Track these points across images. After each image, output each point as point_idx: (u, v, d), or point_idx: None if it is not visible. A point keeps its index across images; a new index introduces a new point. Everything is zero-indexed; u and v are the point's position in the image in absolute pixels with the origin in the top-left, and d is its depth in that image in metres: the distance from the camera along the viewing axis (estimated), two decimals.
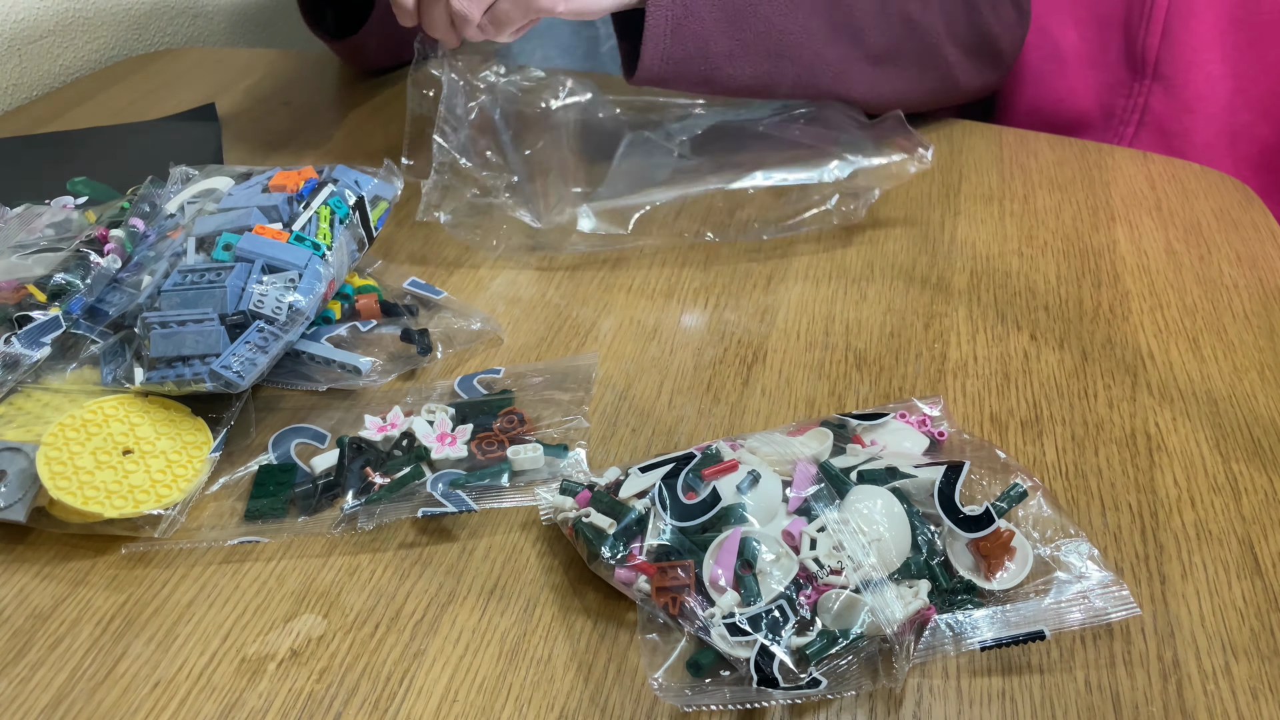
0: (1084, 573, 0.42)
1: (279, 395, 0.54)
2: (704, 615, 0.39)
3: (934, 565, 0.41)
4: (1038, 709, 0.39)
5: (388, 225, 0.67)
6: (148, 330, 0.49)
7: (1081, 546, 0.42)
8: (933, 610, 0.40)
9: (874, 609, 0.39)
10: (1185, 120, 0.86)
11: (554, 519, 0.45)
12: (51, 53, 0.89)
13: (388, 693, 0.40)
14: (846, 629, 0.39)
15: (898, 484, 0.44)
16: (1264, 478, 0.50)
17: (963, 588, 0.41)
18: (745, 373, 0.56)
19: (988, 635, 0.40)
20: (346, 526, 0.46)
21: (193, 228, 0.54)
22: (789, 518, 0.42)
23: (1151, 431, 0.53)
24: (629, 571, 0.41)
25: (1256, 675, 0.41)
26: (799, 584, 0.40)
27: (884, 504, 0.42)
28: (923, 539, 0.42)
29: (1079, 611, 0.41)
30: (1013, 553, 0.42)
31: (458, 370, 0.56)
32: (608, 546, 0.42)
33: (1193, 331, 0.60)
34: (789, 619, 0.39)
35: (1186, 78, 0.84)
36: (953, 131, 0.83)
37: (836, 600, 0.40)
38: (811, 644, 0.39)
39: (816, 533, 0.41)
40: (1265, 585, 0.45)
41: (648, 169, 0.69)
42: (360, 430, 0.51)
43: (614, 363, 0.57)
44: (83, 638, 0.42)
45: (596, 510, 0.43)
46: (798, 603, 0.40)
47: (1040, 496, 0.44)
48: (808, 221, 0.67)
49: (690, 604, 0.40)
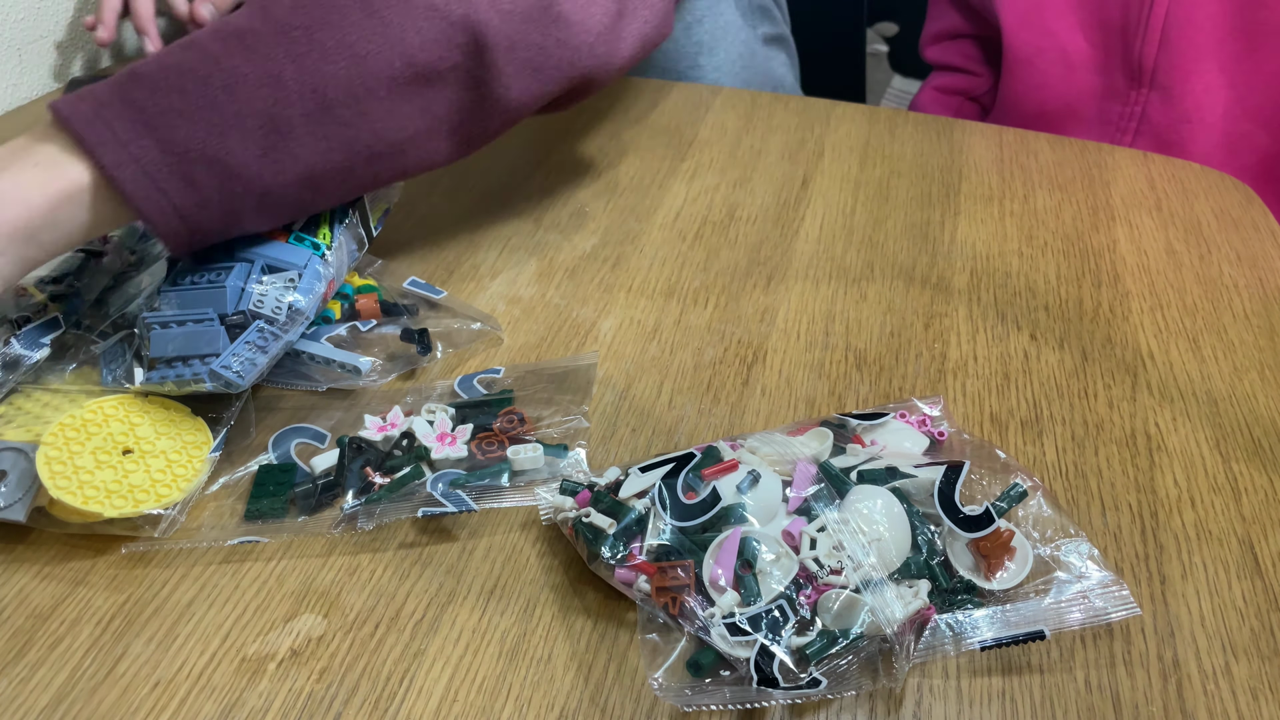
0: (1084, 572, 0.42)
1: (279, 395, 0.54)
2: (704, 615, 0.39)
3: (934, 565, 0.41)
4: (1038, 709, 0.39)
5: (388, 226, 0.67)
6: (147, 330, 0.49)
7: (1081, 546, 0.42)
8: (933, 610, 0.40)
9: (874, 609, 0.39)
10: (1183, 130, 0.86)
11: (554, 519, 0.45)
12: (51, 53, 0.89)
13: (388, 692, 0.40)
14: (846, 629, 0.39)
15: (898, 484, 0.44)
16: (1264, 478, 0.50)
17: (963, 588, 0.41)
18: (745, 373, 0.56)
19: (988, 635, 0.40)
20: (346, 526, 0.46)
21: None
22: (789, 518, 0.42)
23: (1151, 431, 0.53)
24: (629, 571, 0.41)
25: (1256, 675, 0.41)
26: (799, 584, 0.40)
27: (884, 504, 0.42)
28: (923, 539, 0.42)
29: (1079, 611, 0.41)
30: (1013, 553, 0.42)
31: (458, 370, 0.56)
32: (608, 546, 0.42)
33: (1193, 331, 0.60)
34: (789, 619, 0.39)
35: (1184, 87, 0.84)
36: (953, 131, 0.83)
37: (836, 600, 0.40)
38: (811, 644, 0.39)
39: (816, 532, 0.41)
40: (1265, 585, 0.45)
41: None
42: (360, 430, 0.51)
43: (614, 363, 0.57)
44: (83, 638, 0.42)
45: (596, 510, 0.43)
46: (798, 603, 0.40)
47: (1040, 496, 0.44)
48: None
49: (690, 604, 0.40)
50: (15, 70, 0.86)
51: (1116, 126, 0.88)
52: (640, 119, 0.83)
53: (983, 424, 0.53)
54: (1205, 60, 0.83)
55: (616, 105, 0.86)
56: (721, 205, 0.72)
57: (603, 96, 0.86)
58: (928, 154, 0.79)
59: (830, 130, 0.82)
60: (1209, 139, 0.86)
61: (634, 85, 0.89)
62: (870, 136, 0.82)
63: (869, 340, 0.59)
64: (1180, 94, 0.84)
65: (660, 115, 0.84)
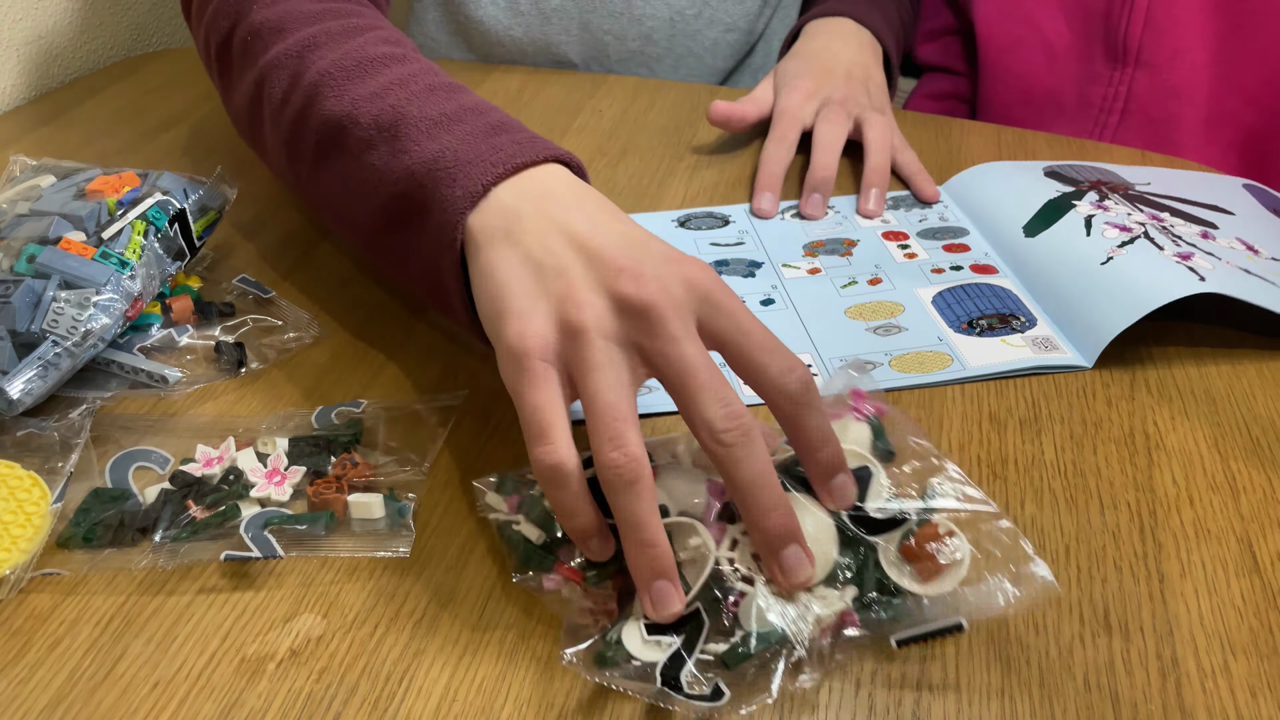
0: (1002, 554, 0.41)
1: (126, 416, 0.52)
2: (618, 624, 0.39)
3: (863, 571, 0.40)
4: (1037, 708, 0.39)
5: (224, 227, 0.65)
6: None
7: (1002, 524, 0.41)
8: (852, 614, 0.39)
9: (793, 616, 0.39)
10: (1171, 106, 0.86)
11: (491, 518, 0.45)
12: (51, 53, 0.89)
13: (387, 692, 0.40)
14: (766, 633, 0.38)
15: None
16: (1262, 476, 0.50)
17: (893, 591, 0.40)
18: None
19: (905, 632, 0.40)
20: (150, 561, 0.44)
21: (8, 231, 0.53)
22: (713, 523, 0.41)
23: (1150, 430, 0.53)
24: (556, 579, 0.41)
25: (1255, 673, 0.41)
26: (719, 590, 0.39)
27: (812, 514, 0.41)
28: (852, 548, 0.41)
29: (999, 597, 0.40)
30: (940, 568, 0.41)
31: (296, 377, 0.55)
32: (534, 559, 0.42)
33: (1191, 329, 0.60)
34: (705, 625, 0.39)
35: (1171, 65, 0.84)
36: (951, 130, 0.83)
37: (753, 607, 0.39)
38: (729, 651, 0.38)
39: (741, 534, 0.41)
40: (1264, 583, 0.45)
41: None
42: (193, 459, 0.48)
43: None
44: (81, 638, 0.42)
45: (527, 519, 0.43)
46: (722, 608, 0.39)
47: (947, 481, 0.43)
48: None
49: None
50: (15, 70, 0.86)
51: (1100, 108, 0.88)
52: (640, 119, 0.84)
53: (981, 423, 0.53)
54: (1191, 37, 0.83)
55: (617, 105, 0.86)
56: (722, 204, 0.72)
57: (603, 96, 0.86)
58: (926, 153, 0.79)
59: None
60: (1195, 116, 0.86)
61: (634, 85, 0.89)
62: None
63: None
64: (1167, 71, 0.84)
65: (660, 115, 0.84)
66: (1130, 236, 0.62)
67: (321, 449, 0.49)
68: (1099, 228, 0.63)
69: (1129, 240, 0.61)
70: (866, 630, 0.40)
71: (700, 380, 0.40)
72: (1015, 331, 0.58)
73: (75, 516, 0.45)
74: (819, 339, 0.58)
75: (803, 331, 0.59)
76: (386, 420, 0.51)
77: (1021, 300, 0.61)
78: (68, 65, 0.91)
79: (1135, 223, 0.63)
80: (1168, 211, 0.65)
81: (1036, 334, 0.58)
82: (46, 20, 0.88)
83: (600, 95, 0.87)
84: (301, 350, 0.57)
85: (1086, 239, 0.62)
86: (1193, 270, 0.57)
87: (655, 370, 0.41)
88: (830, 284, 0.63)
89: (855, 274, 0.64)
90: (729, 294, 0.42)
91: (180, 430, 0.51)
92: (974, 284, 0.63)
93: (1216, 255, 0.60)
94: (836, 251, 0.66)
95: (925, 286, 0.63)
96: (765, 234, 0.68)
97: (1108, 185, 0.69)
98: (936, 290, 0.62)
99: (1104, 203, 0.66)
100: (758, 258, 0.65)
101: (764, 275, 0.64)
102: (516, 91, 0.88)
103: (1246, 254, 0.61)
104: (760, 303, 0.61)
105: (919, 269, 0.64)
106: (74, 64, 0.92)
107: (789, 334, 0.58)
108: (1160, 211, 0.65)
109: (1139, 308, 0.56)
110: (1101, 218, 0.64)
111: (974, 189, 0.73)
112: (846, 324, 0.59)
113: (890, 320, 0.59)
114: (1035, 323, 0.59)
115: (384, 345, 0.58)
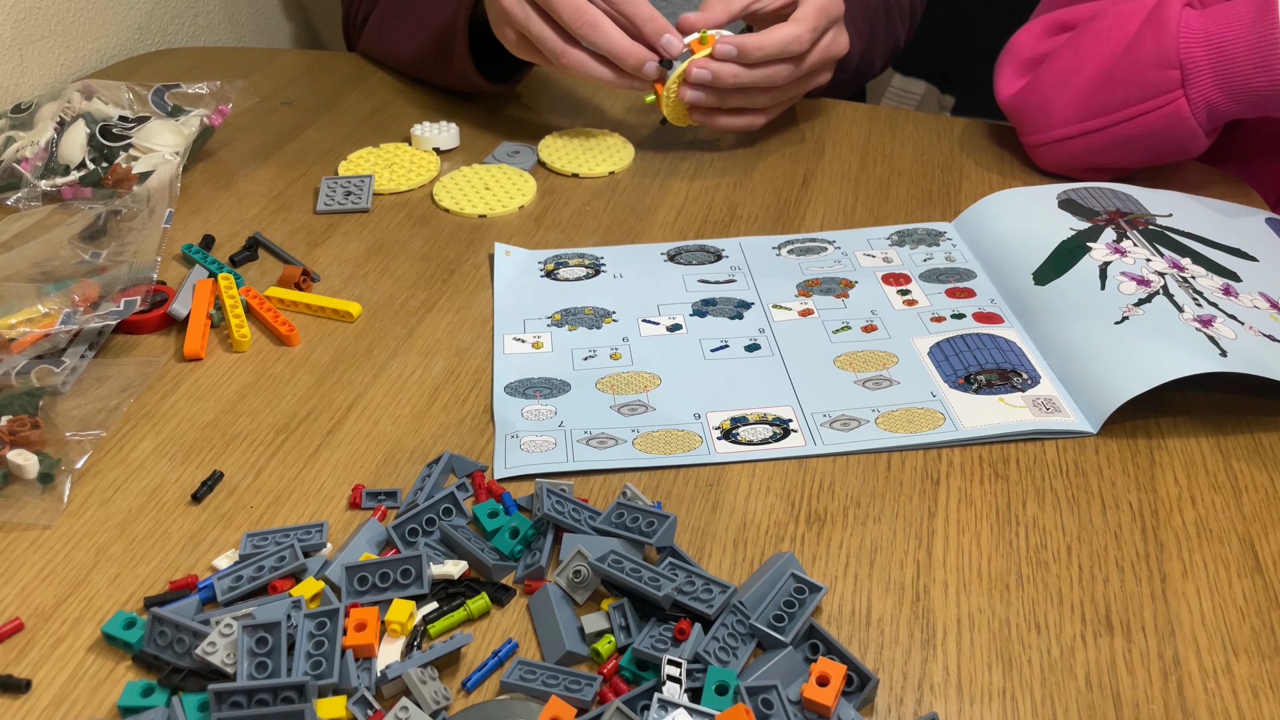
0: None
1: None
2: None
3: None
4: (1038, 707, 0.39)
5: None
6: None
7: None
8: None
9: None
10: None
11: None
12: (51, 53, 0.89)
13: None
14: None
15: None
16: (1264, 476, 0.50)
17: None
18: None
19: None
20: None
21: None
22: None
23: (1152, 430, 0.53)
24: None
25: (1257, 673, 0.41)
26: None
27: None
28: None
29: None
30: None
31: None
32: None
33: None
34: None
35: None
36: (953, 129, 0.83)
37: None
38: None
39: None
40: (1266, 583, 0.45)
41: None
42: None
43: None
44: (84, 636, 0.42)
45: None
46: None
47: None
48: None
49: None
50: (15, 70, 0.86)
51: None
52: (641, 119, 0.83)
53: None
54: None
55: (617, 105, 0.86)
56: (722, 204, 0.72)
57: (603, 97, 0.86)
58: (928, 153, 0.79)
59: (830, 129, 0.82)
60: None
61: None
62: (871, 135, 0.82)
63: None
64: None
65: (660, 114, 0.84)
66: (1148, 293, 0.57)
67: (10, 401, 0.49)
68: (1115, 279, 0.58)
69: (1147, 298, 0.56)
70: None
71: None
72: (1015, 390, 0.54)
73: None
74: (803, 391, 0.55)
75: (787, 383, 0.55)
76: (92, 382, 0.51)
77: (1025, 354, 0.57)
78: (68, 65, 0.91)
79: (1154, 273, 0.58)
80: (1189, 257, 0.60)
81: (1038, 393, 0.54)
82: (47, 20, 0.88)
83: (601, 95, 0.87)
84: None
85: (1101, 292, 0.57)
86: (1213, 340, 0.53)
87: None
88: (822, 328, 0.60)
89: (850, 318, 0.60)
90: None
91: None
92: (975, 334, 0.59)
93: (1239, 319, 0.55)
94: (832, 292, 0.63)
95: (923, 336, 0.59)
96: (758, 270, 0.65)
97: (1126, 218, 0.64)
98: (934, 340, 0.58)
99: (1121, 243, 0.61)
100: (748, 297, 0.62)
101: (752, 317, 0.60)
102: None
103: (1270, 313, 0.56)
104: (745, 348, 0.58)
105: (917, 317, 0.60)
106: (74, 64, 0.92)
107: (772, 384, 0.55)
108: (1181, 257, 0.60)
109: (1152, 377, 0.51)
110: (1118, 266, 0.59)
111: (984, 226, 0.67)
112: (834, 374, 0.56)
113: (881, 372, 0.56)
114: (1038, 380, 0.55)
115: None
